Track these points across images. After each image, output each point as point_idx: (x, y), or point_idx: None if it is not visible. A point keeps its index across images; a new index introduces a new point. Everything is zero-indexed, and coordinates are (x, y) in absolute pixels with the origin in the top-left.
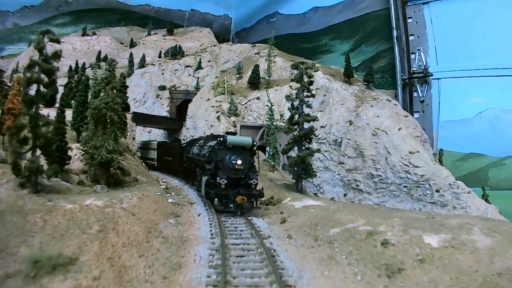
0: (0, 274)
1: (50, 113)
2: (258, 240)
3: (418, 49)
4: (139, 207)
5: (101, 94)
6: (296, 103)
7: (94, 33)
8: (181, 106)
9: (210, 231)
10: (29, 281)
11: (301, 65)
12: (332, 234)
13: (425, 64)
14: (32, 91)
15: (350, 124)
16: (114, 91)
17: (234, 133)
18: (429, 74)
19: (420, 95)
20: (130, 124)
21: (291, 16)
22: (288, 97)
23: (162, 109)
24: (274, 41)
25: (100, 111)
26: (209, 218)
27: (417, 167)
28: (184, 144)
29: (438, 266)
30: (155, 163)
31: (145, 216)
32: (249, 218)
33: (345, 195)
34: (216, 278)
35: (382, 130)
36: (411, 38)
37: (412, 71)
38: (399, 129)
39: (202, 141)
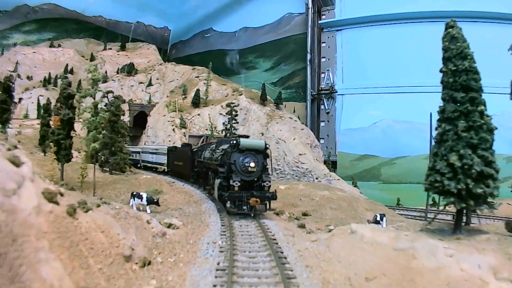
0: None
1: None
2: None
3: (328, 70)
4: (161, 179)
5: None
6: (228, 126)
7: (59, 45)
8: (137, 116)
9: (197, 188)
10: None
11: (231, 104)
12: None
13: (332, 82)
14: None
15: (262, 135)
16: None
17: (247, 136)
18: (335, 91)
19: (326, 108)
20: None
21: (223, 33)
22: (224, 124)
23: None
24: (210, 71)
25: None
26: (191, 185)
27: (303, 163)
28: (195, 149)
29: (280, 193)
30: (165, 168)
31: (166, 183)
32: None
33: None
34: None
35: (282, 140)
36: (323, 60)
37: (320, 88)
38: (294, 139)
39: (214, 145)
